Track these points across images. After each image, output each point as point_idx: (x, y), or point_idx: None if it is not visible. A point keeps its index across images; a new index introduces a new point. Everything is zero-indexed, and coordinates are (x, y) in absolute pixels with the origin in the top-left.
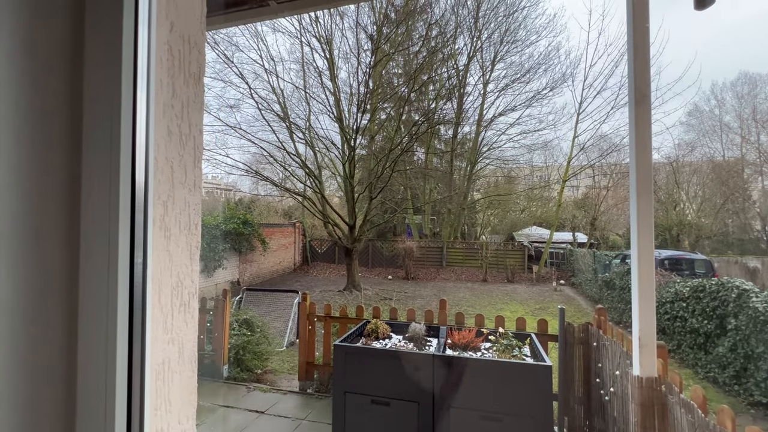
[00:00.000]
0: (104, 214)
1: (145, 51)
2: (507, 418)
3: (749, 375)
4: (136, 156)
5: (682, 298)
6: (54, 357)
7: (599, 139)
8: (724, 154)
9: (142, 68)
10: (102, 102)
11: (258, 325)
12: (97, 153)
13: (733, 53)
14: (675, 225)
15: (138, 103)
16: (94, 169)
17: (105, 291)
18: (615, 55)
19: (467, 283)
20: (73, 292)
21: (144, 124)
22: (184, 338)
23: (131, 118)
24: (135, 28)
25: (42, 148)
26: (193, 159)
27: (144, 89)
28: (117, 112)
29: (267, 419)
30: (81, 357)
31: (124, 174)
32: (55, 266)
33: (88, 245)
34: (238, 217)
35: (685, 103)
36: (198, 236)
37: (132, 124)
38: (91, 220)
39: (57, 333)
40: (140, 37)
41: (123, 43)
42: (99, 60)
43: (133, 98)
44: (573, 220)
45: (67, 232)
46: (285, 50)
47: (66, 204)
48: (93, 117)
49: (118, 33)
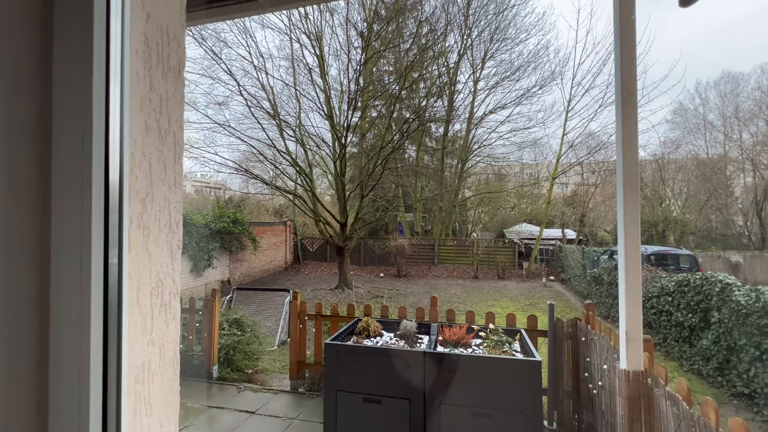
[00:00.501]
0: (77, 212)
1: (118, 42)
2: (498, 413)
3: (732, 366)
4: (109, 152)
5: (667, 292)
6: (24, 360)
7: (588, 137)
8: (708, 151)
9: (115, 60)
10: (72, 95)
11: (248, 324)
12: (68, 149)
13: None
14: (661, 221)
15: (111, 96)
16: (65, 165)
17: (78, 292)
18: (603, 54)
19: (458, 280)
20: (44, 293)
21: (118, 119)
22: (165, 339)
23: (104, 112)
24: (107, 17)
25: (8, 144)
26: (173, 155)
27: (118, 82)
28: (88, 106)
29: (258, 419)
30: (53, 360)
31: (96, 170)
32: (25, 266)
33: (60, 244)
34: (228, 215)
35: (670, 101)
36: (179, 235)
37: (105, 119)
38: (62, 218)
39: (27, 335)
40: (113, 28)
41: (94, 34)
42: (68, 52)
43: (105, 91)
44: (562, 217)
45: (37, 231)
46: (274, 47)
47: (36, 202)
48: (63, 111)
49: (88, 23)
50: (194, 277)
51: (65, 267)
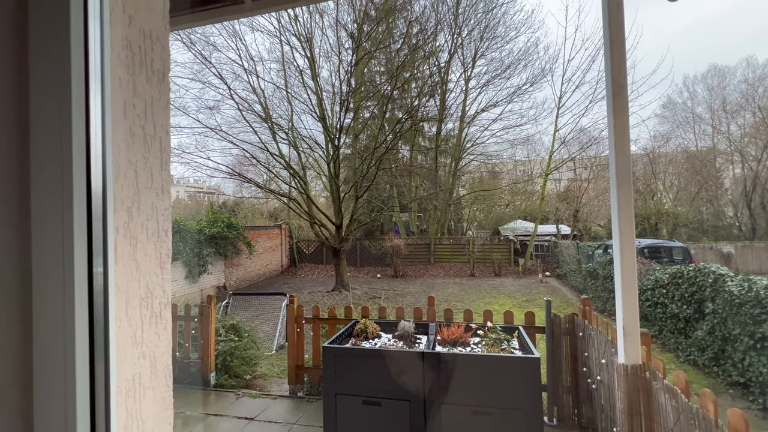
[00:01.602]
0: (57, 225)
1: (97, 46)
2: (498, 411)
3: (727, 356)
4: (91, 160)
5: (662, 285)
6: (6, 378)
7: (579, 133)
8: (697, 144)
9: (95, 65)
10: (49, 103)
11: (246, 329)
12: (47, 158)
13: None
14: (653, 214)
15: (91, 102)
16: (44, 175)
17: (61, 307)
18: (591, 50)
19: (455, 278)
20: (26, 310)
21: (99, 125)
22: (156, 351)
23: (84, 119)
24: (85, 21)
25: None
26: (159, 162)
27: (98, 88)
28: (67, 114)
29: (257, 426)
30: (37, 379)
31: (78, 180)
32: (5, 282)
33: (41, 257)
34: (222, 220)
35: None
36: (169, 243)
37: (85, 126)
38: (43, 231)
39: (8, 352)
40: (91, 32)
41: (71, 39)
42: (44, 58)
43: (85, 98)
44: (556, 213)
45: (17, 246)
46: (264, 49)
47: (13, 213)
48: (40, 120)
49: (64, 27)
50: (189, 284)
51: (47, 282)
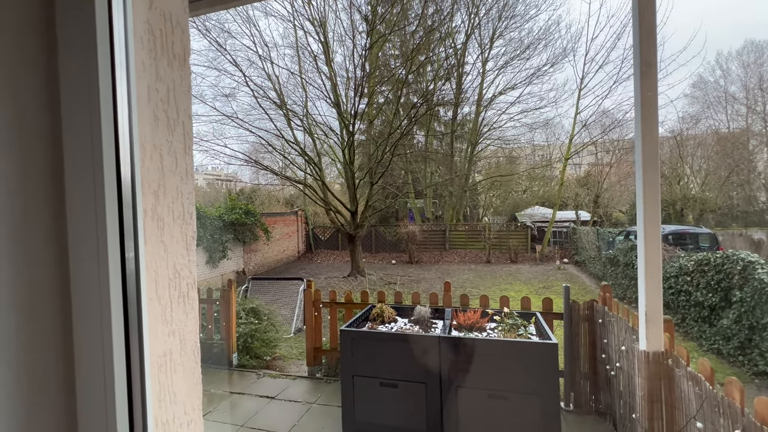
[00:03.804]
0: (90, 208)
1: (121, 31)
2: (514, 395)
3: (754, 346)
4: (119, 145)
5: (686, 272)
6: (50, 354)
7: (601, 115)
8: (729, 125)
9: (120, 50)
10: (78, 89)
11: (265, 313)
12: (78, 144)
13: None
14: (679, 199)
15: (118, 87)
16: (76, 161)
17: (97, 286)
18: (617, 27)
19: (471, 265)
20: (65, 290)
21: (126, 110)
22: (184, 329)
23: (111, 104)
24: (109, 5)
25: (19, 144)
26: (183, 146)
27: (123, 72)
28: (96, 99)
29: (278, 404)
30: (78, 352)
31: (108, 164)
32: (44, 263)
33: (77, 241)
34: (240, 207)
35: (689, 74)
36: (193, 225)
37: (113, 111)
38: (77, 214)
39: (51, 331)
40: (115, 15)
41: (97, 23)
42: (71, 44)
43: (112, 82)
44: (576, 199)
45: (53, 228)
46: (278, 35)
47: (50, 199)
48: (70, 106)
49: (90, 12)
50: (210, 269)
51: (83, 263)
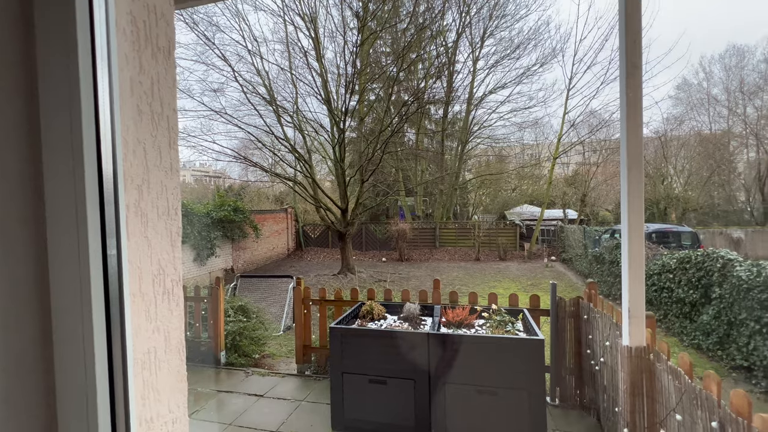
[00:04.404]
0: (70, 203)
1: (103, 21)
2: (501, 390)
3: (732, 341)
4: (100, 138)
5: (668, 269)
6: (28, 352)
7: (589, 115)
8: (711, 127)
9: (101, 41)
10: (57, 81)
11: (253, 311)
12: (58, 137)
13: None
14: (662, 199)
15: (99, 80)
16: (55, 155)
17: (77, 282)
18: (605, 29)
19: (460, 262)
20: (43, 286)
21: (108, 103)
22: (169, 326)
23: (92, 96)
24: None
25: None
26: (167, 140)
27: (105, 65)
28: (75, 91)
29: (266, 402)
30: (57, 350)
31: (89, 158)
32: (22, 261)
33: (56, 236)
34: (229, 204)
35: (673, 76)
36: (179, 221)
37: (94, 104)
38: (56, 210)
39: (29, 329)
40: (96, 5)
41: (77, 13)
42: (50, 34)
43: (93, 75)
44: (563, 197)
45: (31, 225)
46: (268, 30)
47: (28, 195)
48: (49, 97)
49: (69, 2)
50: (198, 266)
51: (63, 260)
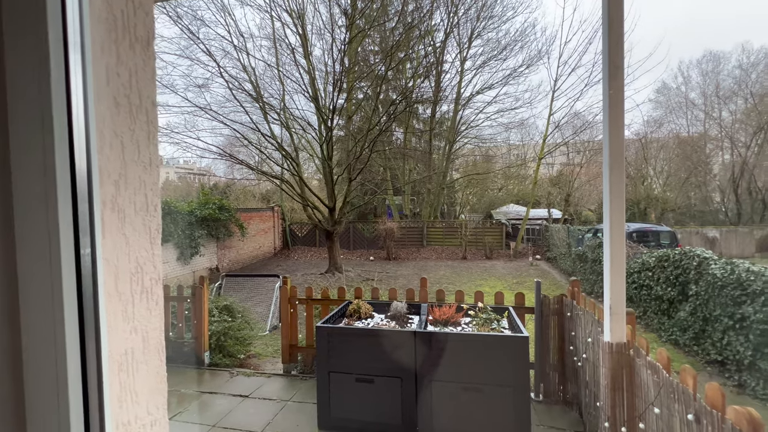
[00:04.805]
0: (41, 199)
1: (76, 8)
2: (487, 387)
3: (707, 336)
4: (73, 131)
5: (648, 267)
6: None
7: (573, 117)
8: (689, 129)
9: (74, 28)
10: (26, 68)
11: (239, 310)
12: (26, 130)
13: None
14: (643, 199)
15: (72, 69)
16: (24, 148)
17: (48, 282)
18: (589, 32)
19: (447, 261)
20: (11, 286)
21: (81, 94)
22: (148, 326)
23: (64, 87)
24: None
25: None
26: (146, 134)
27: (78, 54)
28: (45, 82)
29: (252, 402)
30: (26, 352)
31: (60, 152)
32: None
33: (25, 234)
34: (214, 202)
35: (654, 80)
36: (158, 218)
37: (66, 95)
38: (25, 206)
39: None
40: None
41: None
42: (18, 19)
43: (65, 64)
44: (548, 197)
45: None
46: (255, 25)
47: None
48: (17, 86)
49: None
50: (181, 265)
51: (33, 258)
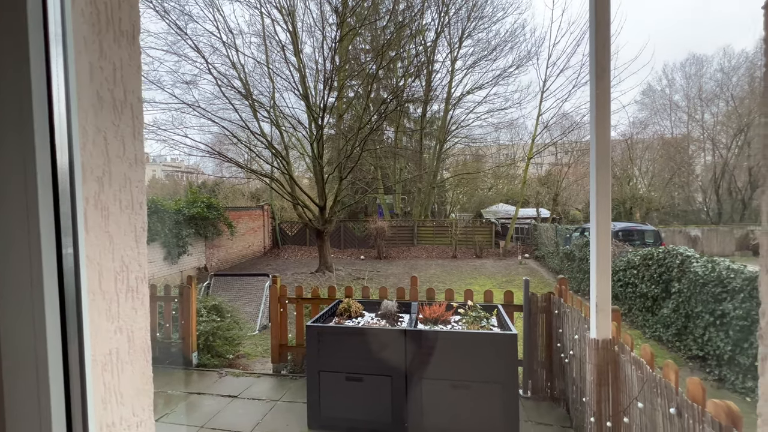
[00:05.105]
0: (20, 197)
1: (57, 1)
2: (476, 384)
3: (689, 332)
4: (54, 127)
5: (633, 266)
6: None
7: (561, 117)
8: (673, 131)
9: (55, 21)
10: (4, 63)
11: (228, 310)
12: (5, 124)
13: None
14: (628, 199)
15: (53, 63)
16: (2, 143)
17: (27, 281)
18: (577, 34)
19: (438, 260)
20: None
21: (63, 89)
22: (133, 326)
23: (45, 82)
24: None
25: None
26: (131, 130)
27: (60, 48)
28: (26, 75)
29: (241, 403)
30: (5, 354)
31: (41, 148)
32: None
33: (3, 234)
34: (202, 200)
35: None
36: (144, 216)
37: (47, 89)
38: (3, 204)
39: None
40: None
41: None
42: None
43: (45, 58)
44: (537, 197)
45: None
46: (244, 22)
47: None
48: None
49: None
50: (169, 265)
51: (12, 258)
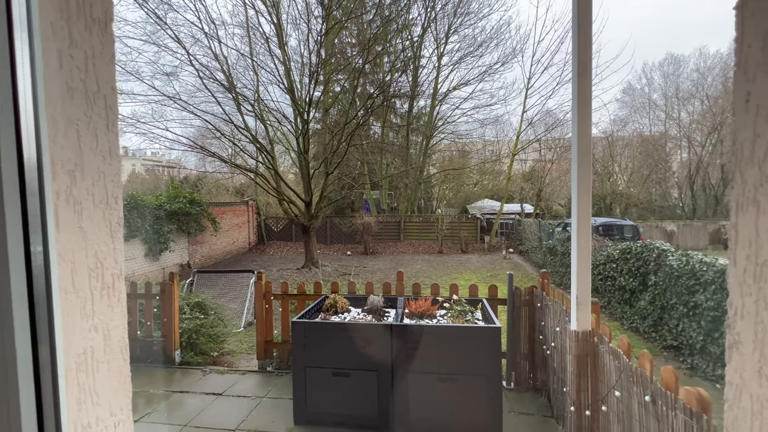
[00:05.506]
0: None
1: None
2: (461, 377)
3: (664, 323)
4: (20, 118)
5: (612, 260)
6: None
7: (545, 114)
8: (651, 129)
9: (19, 4)
10: None
11: (212, 307)
12: None
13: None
14: (609, 194)
15: (17, 51)
16: None
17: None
18: (561, 32)
19: (424, 255)
20: None
21: (29, 78)
22: (109, 324)
23: (8, 69)
24: None
25: None
26: (105, 121)
27: (25, 34)
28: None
29: (225, 400)
30: None
31: (5, 141)
32: None
33: None
34: (184, 195)
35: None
36: (119, 211)
37: (11, 78)
38: None
39: None
40: None
41: None
42: None
43: (9, 45)
44: (521, 192)
45: None
46: (227, 12)
47: None
48: None
49: None
50: (150, 262)
51: None
